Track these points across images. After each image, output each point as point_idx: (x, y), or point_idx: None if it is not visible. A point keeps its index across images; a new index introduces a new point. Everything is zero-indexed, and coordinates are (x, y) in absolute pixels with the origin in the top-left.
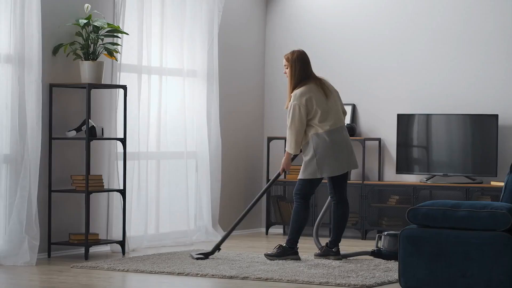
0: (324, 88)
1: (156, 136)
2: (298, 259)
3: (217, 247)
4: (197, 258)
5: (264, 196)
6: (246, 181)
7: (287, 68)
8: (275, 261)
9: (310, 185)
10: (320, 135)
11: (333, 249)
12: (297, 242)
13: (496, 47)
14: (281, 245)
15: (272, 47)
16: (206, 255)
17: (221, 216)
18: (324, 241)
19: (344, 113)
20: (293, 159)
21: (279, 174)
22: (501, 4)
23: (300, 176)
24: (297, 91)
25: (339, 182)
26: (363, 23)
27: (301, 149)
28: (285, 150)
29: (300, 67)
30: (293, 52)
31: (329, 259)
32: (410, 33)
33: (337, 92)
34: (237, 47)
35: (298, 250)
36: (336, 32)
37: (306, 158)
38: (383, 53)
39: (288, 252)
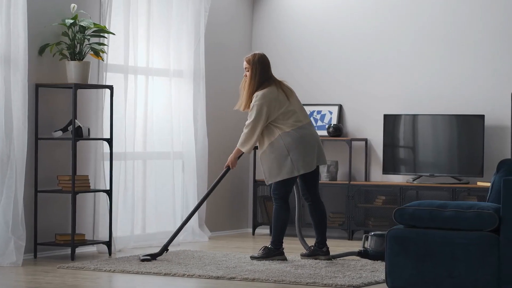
0: (284, 89)
1: (143, 136)
2: (285, 259)
3: (165, 248)
4: (143, 260)
5: (251, 197)
6: (232, 181)
7: (247, 71)
8: (261, 261)
9: (287, 184)
10: (290, 133)
11: (322, 249)
12: (282, 242)
13: (482, 48)
14: (266, 246)
15: (259, 47)
16: (153, 256)
17: (208, 216)
18: (308, 241)
19: None
20: (239, 157)
21: (226, 172)
22: (488, 4)
23: (275, 179)
24: (259, 93)
25: (312, 181)
26: (350, 23)
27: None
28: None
29: (261, 70)
30: (254, 55)
31: (319, 259)
32: (397, 33)
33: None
34: (223, 47)
35: (284, 250)
36: (323, 31)
37: (278, 159)
38: (370, 53)
39: (274, 253)
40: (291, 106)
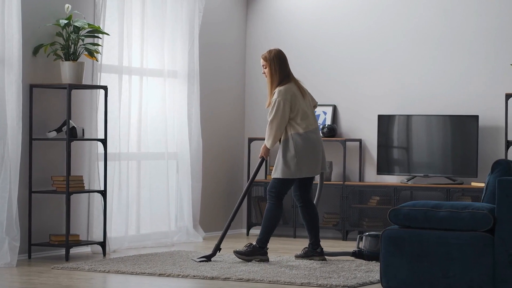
0: (301, 88)
1: (137, 136)
2: (266, 260)
3: (217, 248)
4: (201, 261)
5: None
6: (226, 182)
7: (265, 68)
8: (241, 258)
9: (286, 184)
10: (301, 135)
11: (317, 250)
12: (268, 242)
13: (476, 48)
14: (252, 243)
15: (253, 47)
16: (208, 258)
17: (202, 217)
18: (302, 242)
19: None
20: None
21: (261, 161)
22: (482, 5)
23: (277, 175)
24: (282, 88)
25: (308, 185)
26: (344, 24)
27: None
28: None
29: (280, 65)
30: (270, 51)
31: (313, 259)
32: (391, 34)
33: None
34: (218, 48)
35: (269, 250)
36: (317, 32)
37: (285, 157)
38: (364, 53)
39: (258, 251)
40: (306, 108)
